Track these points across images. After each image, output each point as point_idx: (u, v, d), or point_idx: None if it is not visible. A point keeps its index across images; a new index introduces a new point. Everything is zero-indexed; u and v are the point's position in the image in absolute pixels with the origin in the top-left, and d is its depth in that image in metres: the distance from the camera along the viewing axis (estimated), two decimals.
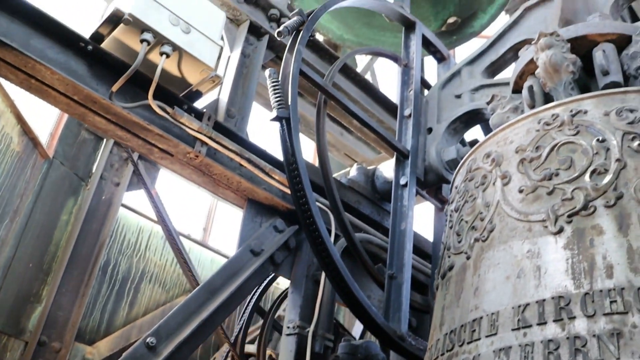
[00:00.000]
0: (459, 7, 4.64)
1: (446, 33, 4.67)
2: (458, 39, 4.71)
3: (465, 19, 4.61)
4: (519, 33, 3.08)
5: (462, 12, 4.62)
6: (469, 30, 4.64)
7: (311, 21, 2.51)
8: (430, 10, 4.75)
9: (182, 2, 2.68)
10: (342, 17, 4.54)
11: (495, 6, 4.45)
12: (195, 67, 2.67)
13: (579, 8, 2.86)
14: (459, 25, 4.61)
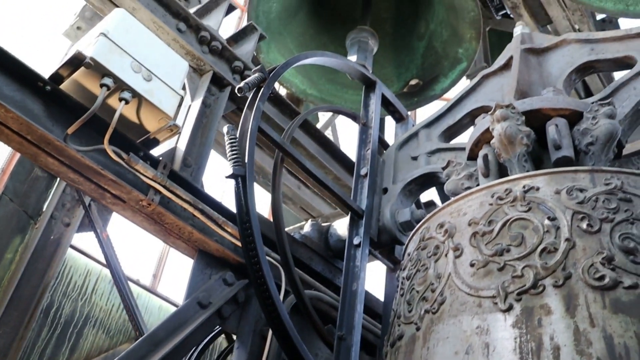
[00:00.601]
0: (422, 70, 4.76)
1: (408, 94, 4.77)
2: (419, 100, 4.81)
3: (427, 81, 4.72)
4: (476, 99, 3.16)
5: (424, 75, 4.74)
6: (430, 93, 4.74)
7: (272, 78, 2.53)
8: (394, 71, 4.86)
9: (146, 49, 2.68)
10: (306, 72, 4.60)
11: (456, 71, 4.57)
12: (154, 115, 2.65)
13: (534, 80, 2.96)
14: (420, 87, 4.72)
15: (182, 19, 3.27)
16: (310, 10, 4.83)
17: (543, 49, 3.05)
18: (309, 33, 4.76)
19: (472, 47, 4.37)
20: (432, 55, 4.71)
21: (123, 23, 2.66)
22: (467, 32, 4.30)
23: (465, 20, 4.22)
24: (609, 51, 2.86)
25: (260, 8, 4.15)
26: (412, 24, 4.92)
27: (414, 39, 4.87)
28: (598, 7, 4.13)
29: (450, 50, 4.53)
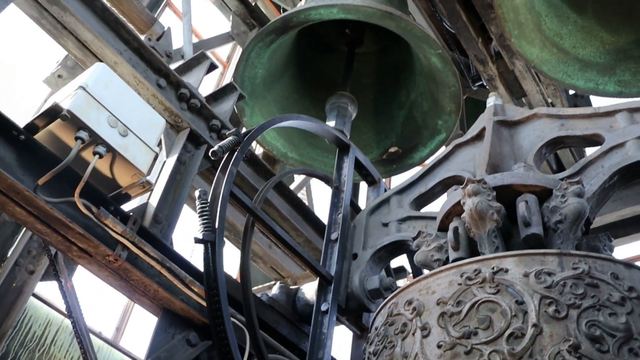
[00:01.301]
0: (401, 138, 4.83)
1: (387, 161, 4.83)
2: (397, 167, 4.87)
3: (406, 150, 4.79)
4: (448, 168, 3.20)
5: (403, 143, 4.81)
6: (409, 161, 4.81)
7: (246, 142, 2.55)
8: (374, 137, 4.93)
9: (124, 104, 2.69)
10: (288, 136, 4.65)
11: (435, 142, 4.65)
12: (128, 171, 2.65)
13: (506, 152, 3.01)
14: (400, 155, 4.79)
15: (163, 75, 3.30)
16: (294, 75, 4.91)
17: (515, 122, 3.11)
18: (293, 97, 4.83)
19: (452, 120, 4.45)
20: (412, 125, 4.80)
21: (103, 77, 2.68)
22: (447, 106, 4.38)
23: (445, 94, 4.31)
24: (578, 128, 2.93)
25: (246, 74, 4.22)
26: (393, 92, 5.01)
27: (394, 107, 4.96)
28: (570, 84, 4.26)
29: (430, 121, 4.61)
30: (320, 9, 3.94)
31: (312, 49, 5.02)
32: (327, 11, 3.93)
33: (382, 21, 3.88)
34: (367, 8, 3.80)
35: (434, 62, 4.07)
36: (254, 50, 4.10)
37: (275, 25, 4.02)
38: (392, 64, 5.04)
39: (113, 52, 3.13)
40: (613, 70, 4.28)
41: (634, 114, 2.78)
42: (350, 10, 3.89)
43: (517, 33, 3.90)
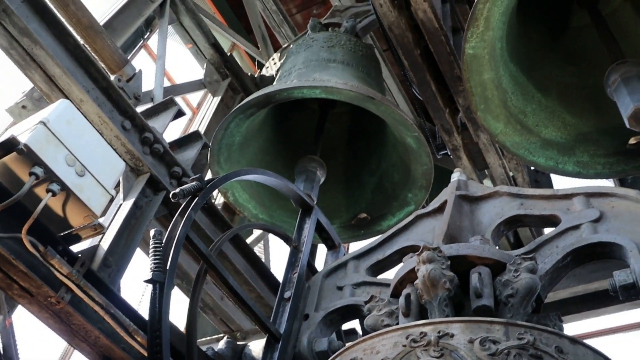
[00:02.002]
0: (371, 205, 4.91)
1: (355, 226, 4.89)
2: (365, 233, 4.92)
3: (375, 217, 4.85)
4: (407, 237, 3.22)
5: (372, 211, 4.88)
6: (377, 228, 4.87)
7: (209, 189, 2.53)
8: (344, 202, 4.98)
9: (85, 144, 2.65)
10: (260, 198, 4.66)
11: (403, 212, 4.72)
12: (80, 212, 2.59)
13: (465, 226, 3.04)
14: (368, 222, 4.86)
15: (129, 117, 3.28)
16: (268, 138, 4.96)
17: (476, 198, 3.16)
18: (265, 159, 4.86)
19: (422, 194, 4.56)
20: (382, 194, 4.87)
21: (65, 114, 2.64)
22: (419, 181, 4.49)
23: (418, 170, 4.41)
24: (536, 208, 2.98)
25: (224, 141, 4.29)
26: (364, 157, 5.08)
27: (365, 174, 5.03)
28: (531, 161, 4.34)
29: (400, 193, 4.69)
30: (303, 89, 4.05)
31: (285, 109, 5.06)
32: (310, 91, 4.05)
33: (363, 104, 3.97)
34: (349, 92, 3.91)
35: (409, 142, 4.18)
36: (234, 121, 4.17)
37: (257, 100, 4.09)
38: (365, 129, 5.10)
39: (80, 90, 3.10)
40: (573, 151, 4.39)
41: (590, 198, 2.84)
42: (333, 92, 4.01)
43: (483, 107, 3.99)
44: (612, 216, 2.72)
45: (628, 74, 3.62)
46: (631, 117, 3.43)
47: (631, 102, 3.45)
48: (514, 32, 4.26)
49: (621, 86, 3.61)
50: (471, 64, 3.76)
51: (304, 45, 4.97)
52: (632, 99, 3.46)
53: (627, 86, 3.57)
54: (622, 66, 3.69)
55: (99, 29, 3.62)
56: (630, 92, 3.52)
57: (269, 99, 4.10)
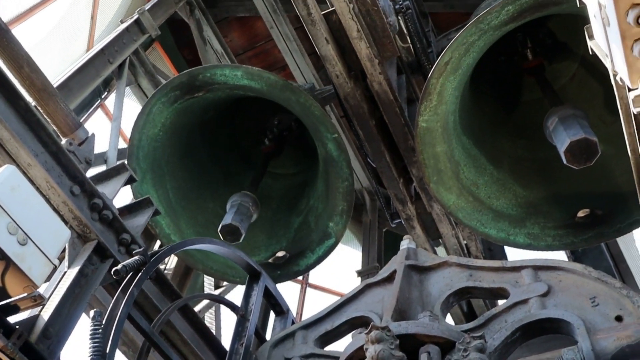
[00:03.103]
0: (292, 243, 4.76)
1: (272, 265, 4.72)
2: (282, 274, 4.76)
3: (294, 255, 4.69)
4: (356, 307, 3.19)
5: (292, 248, 4.73)
6: (295, 268, 4.73)
7: (152, 264, 2.48)
8: (264, 240, 4.85)
9: (29, 212, 2.57)
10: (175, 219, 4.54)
11: (323, 247, 4.58)
12: (20, 282, 2.49)
13: (414, 297, 3.03)
14: (286, 260, 4.71)
15: (78, 182, 3.21)
16: (199, 159, 4.86)
17: (426, 268, 3.17)
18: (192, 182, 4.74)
19: (342, 222, 4.38)
20: (305, 230, 4.75)
21: (10, 180, 2.57)
22: (339, 204, 4.32)
23: (339, 191, 4.26)
24: (485, 280, 3.00)
25: (145, 131, 4.15)
26: (295, 201, 5.01)
27: (293, 215, 4.94)
28: (483, 232, 4.39)
29: (321, 224, 4.57)
30: (226, 69, 4.01)
31: (223, 139, 5.02)
32: (232, 72, 3.99)
33: (283, 94, 3.93)
34: (270, 76, 3.87)
35: (330, 150, 4.09)
36: (156, 105, 4.04)
37: (180, 80, 4.03)
38: (301, 178, 5.08)
39: (28, 154, 3.03)
40: (524, 223, 4.47)
41: (538, 271, 2.88)
42: (254, 76, 3.95)
43: (436, 179, 4.05)
44: (560, 290, 2.75)
45: (565, 114, 3.75)
46: (567, 151, 3.52)
47: (567, 137, 3.55)
48: (466, 106, 4.38)
49: (559, 125, 3.71)
50: (424, 136, 3.84)
51: None
52: (568, 134, 3.56)
53: (564, 124, 3.68)
54: (560, 108, 3.84)
55: (52, 92, 3.57)
56: (567, 129, 3.62)
57: (192, 80, 4.01)
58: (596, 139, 3.46)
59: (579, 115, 3.69)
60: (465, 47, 3.62)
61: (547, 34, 4.81)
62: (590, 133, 3.50)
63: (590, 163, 3.51)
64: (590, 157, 3.49)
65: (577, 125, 3.56)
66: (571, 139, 3.47)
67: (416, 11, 5.31)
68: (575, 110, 3.73)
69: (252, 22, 8.47)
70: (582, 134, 3.47)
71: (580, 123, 3.59)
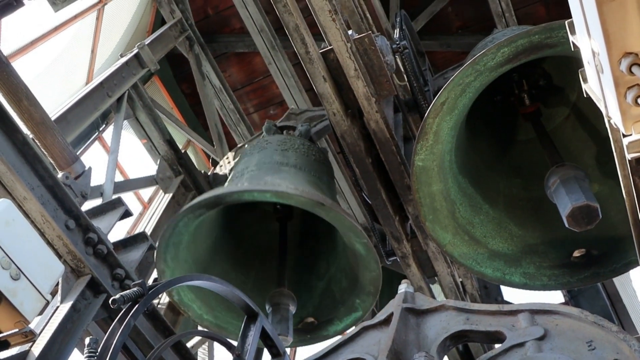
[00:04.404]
0: (318, 309, 4.80)
1: (302, 330, 4.77)
2: (312, 338, 4.81)
3: (322, 322, 4.75)
4: (352, 350, 3.16)
5: (319, 315, 4.78)
6: (324, 333, 4.76)
7: (150, 296, 2.45)
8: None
9: (23, 246, 2.57)
10: (205, 298, 4.53)
11: (351, 318, 4.64)
12: (11, 317, 2.47)
13: (411, 340, 3.01)
14: (315, 326, 4.75)
15: (73, 217, 3.21)
16: (219, 238, 4.86)
17: (423, 311, 3.15)
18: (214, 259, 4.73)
19: (369, 301, 4.47)
20: (330, 299, 4.78)
21: (5, 215, 2.57)
22: (367, 287, 4.40)
23: (366, 277, 4.34)
24: (482, 323, 2.98)
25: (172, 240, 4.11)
26: (313, 262, 5.03)
27: (313, 278, 4.97)
28: (478, 271, 4.38)
29: (348, 298, 4.61)
30: (254, 192, 4.01)
31: (239, 213, 5.03)
32: (261, 195, 4.01)
33: (313, 209, 3.98)
34: (300, 197, 3.91)
35: (357, 249, 4.16)
36: (183, 220, 4.09)
37: (208, 201, 4.05)
38: (316, 232, 5.09)
39: (24, 187, 3.03)
40: (519, 262, 4.46)
41: (534, 315, 2.86)
42: (283, 197, 3.99)
43: (431, 218, 4.05)
44: (556, 334, 2.73)
45: (566, 176, 3.78)
46: (569, 216, 3.56)
47: (569, 201, 3.58)
48: (462, 145, 4.40)
49: (560, 187, 3.75)
50: (420, 175, 3.85)
51: (258, 147, 5.01)
52: (570, 198, 3.59)
53: (565, 187, 3.71)
54: (561, 169, 3.86)
55: (50, 125, 3.59)
56: (569, 192, 3.65)
57: (219, 200, 4.08)
58: (597, 205, 3.51)
59: (579, 177, 3.74)
60: (461, 87, 3.65)
61: (543, 75, 4.86)
62: (591, 198, 3.55)
63: (591, 227, 3.58)
64: (591, 222, 3.56)
65: (578, 190, 3.61)
66: (573, 205, 3.52)
67: (413, 50, 5.37)
68: (576, 171, 3.78)
69: (251, 57, 8.57)
70: (584, 200, 3.52)
71: (581, 186, 3.65)
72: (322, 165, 4.96)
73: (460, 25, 8.29)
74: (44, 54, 6.02)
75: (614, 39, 1.70)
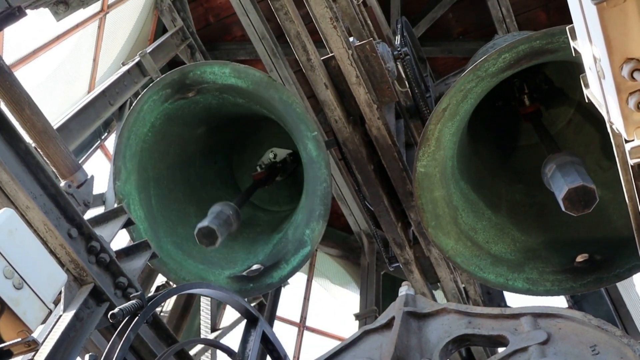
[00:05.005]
0: (268, 256, 4.62)
1: (246, 279, 4.57)
2: (254, 287, 4.58)
3: (268, 267, 4.54)
4: (354, 354, 3.15)
5: (267, 261, 4.58)
6: (268, 281, 4.56)
7: (149, 308, 2.45)
8: (243, 255, 4.73)
9: (26, 256, 2.56)
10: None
11: (298, 257, 4.41)
12: (14, 326, 2.47)
13: (413, 344, 3.00)
14: (260, 273, 4.54)
15: (76, 225, 3.20)
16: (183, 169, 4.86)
17: (424, 314, 3.14)
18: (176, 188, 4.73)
19: (319, 227, 4.21)
20: (283, 242, 4.62)
21: (7, 224, 2.57)
22: (317, 208, 4.18)
23: (317, 194, 4.15)
24: (484, 327, 2.97)
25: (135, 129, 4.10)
26: (280, 225, 4.96)
27: (274, 233, 4.88)
28: (481, 277, 4.37)
29: (298, 233, 4.41)
30: (215, 66, 4.06)
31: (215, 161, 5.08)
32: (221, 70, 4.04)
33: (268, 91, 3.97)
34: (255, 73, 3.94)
35: (309, 150, 4.05)
36: (147, 102, 4.04)
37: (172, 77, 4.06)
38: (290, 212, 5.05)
39: (27, 196, 3.03)
40: (522, 268, 4.45)
41: (537, 319, 2.85)
42: (241, 73, 4.02)
43: (434, 224, 4.05)
44: (560, 338, 2.72)
45: (562, 161, 3.74)
46: (565, 198, 3.50)
47: (565, 184, 3.52)
48: (464, 151, 4.40)
49: (556, 172, 3.70)
50: (422, 182, 3.85)
51: None
52: (566, 181, 3.53)
53: (561, 171, 3.66)
54: (557, 155, 3.83)
55: (53, 134, 3.59)
56: (564, 176, 3.60)
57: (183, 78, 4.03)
58: (594, 186, 3.46)
59: (576, 162, 3.70)
60: (462, 93, 3.66)
61: (544, 80, 4.87)
62: (587, 180, 3.50)
63: (589, 210, 3.50)
64: (589, 204, 3.48)
65: (574, 173, 3.56)
66: (569, 187, 3.47)
67: (414, 57, 5.38)
68: (573, 157, 3.74)
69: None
70: (580, 181, 3.47)
71: (577, 170, 3.60)
72: None
73: (461, 31, 8.30)
74: (46, 63, 6.03)
75: (615, 45, 1.70)
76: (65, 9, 4.33)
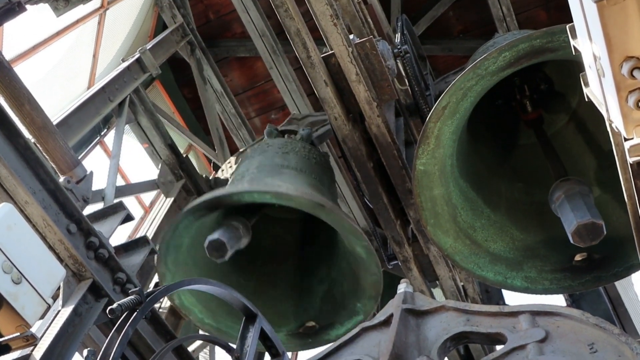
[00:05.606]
0: (319, 313, 4.79)
1: (303, 334, 4.77)
2: (313, 342, 4.81)
3: (323, 326, 4.74)
4: (352, 351, 3.15)
5: (320, 319, 4.77)
6: (325, 337, 4.75)
7: (148, 303, 2.45)
8: (292, 309, 4.87)
9: (25, 250, 2.57)
10: (206, 302, 4.53)
11: (352, 322, 4.62)
12: (13, 321, 2.47)
13: (411, 342, 2.99)
14: (316, 330, 4.73)
15: (75, 221, 3.21)
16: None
17: (423, 312, 3.13)
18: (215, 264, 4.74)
19: (371, 304, 4.46)
20: (331, 302, 4.77)
21: (6, 219, 2.57)
22: (368, 291, 4.39)
23: (367, 280, 4.32)
24: (483, 325, 2.96)
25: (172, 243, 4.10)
26: (314, 266, 5.03)
27: (314, 282, 4.96)
28: (480, 275, 4.37)
29: (349, 302, 4.60)
30: (254, 193, 4.02)
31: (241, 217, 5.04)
32: (261, 196, 4.02)
33: (314, 211, 3.97)
34: (300, 199, 3.90)
35: (358, 252, 4.15)
36: (183, 222, 4.08)
37: (208, 202, 4.05)
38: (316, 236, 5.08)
39: (26, 191, 3.04)
40: (521, 266, 4.45)
41: (535, 316, 2.85)
42: (283, 198, 3.99)
43: (433, 222, 4.05)
44: (558, 336, 2.72)
45: (571, 191, 3.77)
46: (574, 233, 3.55)
47: (574, 218, 3.57)
48: (464, 149, 4.40)
49: (565, 203, 3.74)
50: (422, 179, 3.85)
51: (259, 150, 5.02)
52: (576, 215, 3.58)
53: (570, 203, 3.70)
54: (565, 183, 3.85)
55: (52, 130, 3.60)
56: (574, 209, 3.64)
57: (219, 202, 4.07)
58: (602, 222, 3.50)
59: (584, 193, 3.74)
60: (462, 92, 3.65)
61: (544, 78, 4.86)
62: (596, 215, 3.54)
63: (596, 242, 3.57)
64: (596, 238, 3.54)
65: (583, 207, 3.61)
66: (579, 222, 3.51)
67: (414, 54, 5.37)
68: (581, 187, 3.78)
69: (252, 62, 8.58)
70: (589, 218, 3.51)
71: (586, 202, 3.65)
72: (323, 169, 4.96)
73: (461, 29, 8.30)
74: (45, 59, 6.03)
75: (615, 43, 1.70)
76: (65, 5, 4.33)
